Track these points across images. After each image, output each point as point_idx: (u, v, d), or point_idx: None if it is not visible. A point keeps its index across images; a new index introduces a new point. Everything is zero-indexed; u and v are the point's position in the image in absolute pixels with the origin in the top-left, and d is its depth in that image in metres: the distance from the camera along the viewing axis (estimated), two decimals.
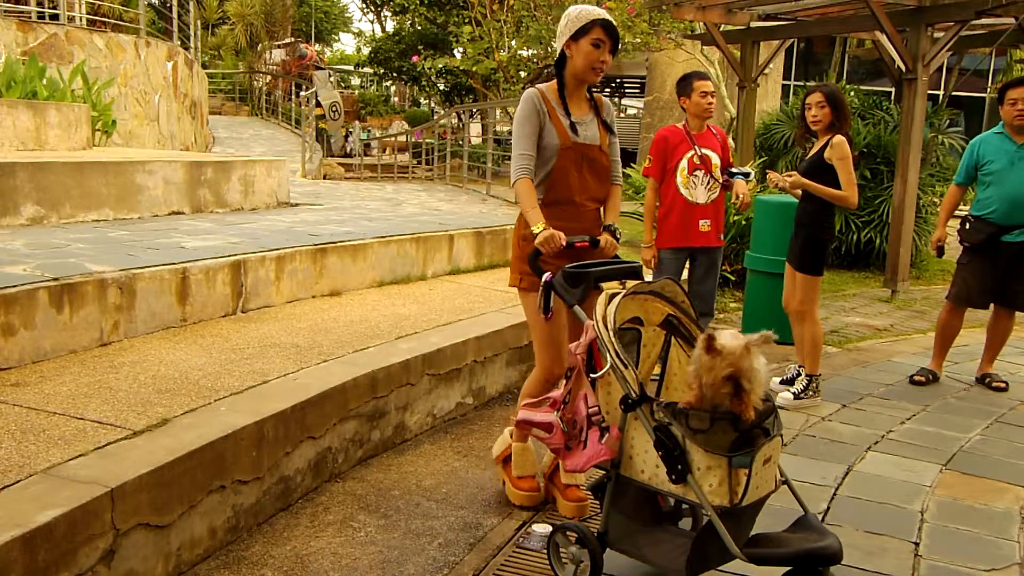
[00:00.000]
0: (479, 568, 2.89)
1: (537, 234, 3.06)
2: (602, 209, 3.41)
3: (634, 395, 2.47)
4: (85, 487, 2.42)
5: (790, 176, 4.70)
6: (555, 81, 3.33)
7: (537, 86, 3.33)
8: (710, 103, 4.89)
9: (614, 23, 3.22)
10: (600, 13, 3.20)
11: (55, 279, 3.62)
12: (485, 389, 4.60)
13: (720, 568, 2.69)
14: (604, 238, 3.29)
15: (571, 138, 3.25)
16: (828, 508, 3.42)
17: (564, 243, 3.07)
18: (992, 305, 5.31)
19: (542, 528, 3.10)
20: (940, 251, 5.47)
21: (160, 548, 2.62)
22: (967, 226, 5.18)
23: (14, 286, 3.43)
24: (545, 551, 2.86)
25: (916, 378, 5.30)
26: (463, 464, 3.78)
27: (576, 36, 3.19)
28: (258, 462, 3.04)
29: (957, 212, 5.53)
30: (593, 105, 3.39)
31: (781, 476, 2.58)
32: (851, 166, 4.56)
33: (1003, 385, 5.21)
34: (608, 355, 2.52)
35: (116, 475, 2.50)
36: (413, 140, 17.38)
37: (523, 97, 3.28)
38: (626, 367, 2.49)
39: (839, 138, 4.58)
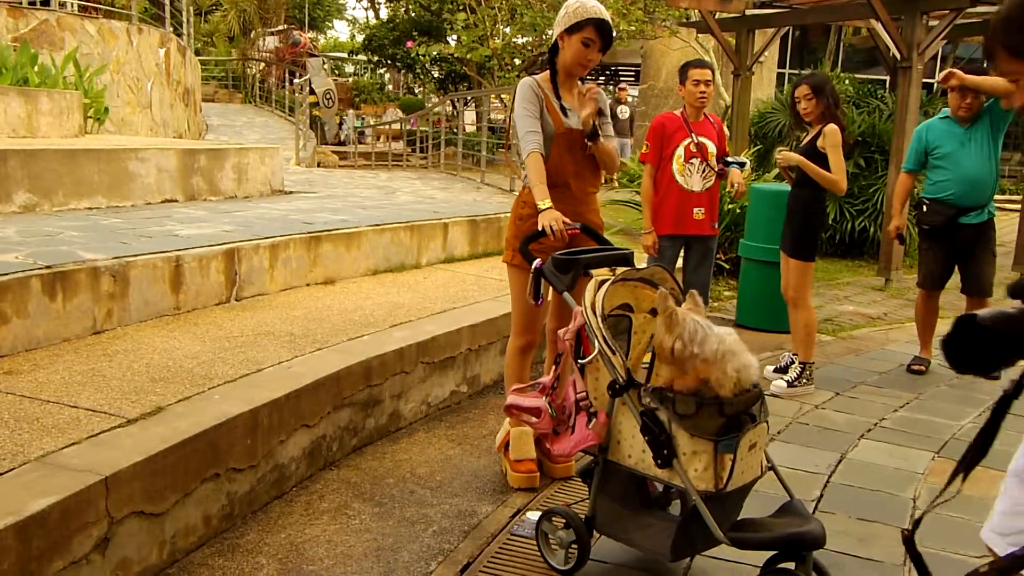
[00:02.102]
0: (473, 555, 2.90)
1: (543, 210, 3.15)
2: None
3: (621, 380, 2.49)
4: (79, 475, 2.41)
5: (784, 155, 4.81)
6: (548, 71, 3.42)
7: (532, 76, 3.41)
8: (703, 92, 4.87)
9: (609, 23, 3.27)
10: (597, 12, 3.26)
11: (48, 267, 3.60)
12: (479, 377, 4.60)
13: (705, 552, 2.71)
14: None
15: (564, 123, 3.33)
16: (821, 495, 3.44)
17: (567, 231, 3.12)
18: (965, 297, 5.35)
19: (536, 515, 3.11)
20: (901, 239, 5.56)
21: (154, 536, 2.62)
22: (924, 209, 5.23)
23: (6, 274, 3.42)
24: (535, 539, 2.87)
25: (914, 367, 5.31)
26: (457, 452, 3.79)
27: (570, 30, 3.28)
28: (252, 450, 3.04)
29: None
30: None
31: (768, 462, 2.60)
32: (841, 154, 4.60)
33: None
34: (596, 341, 2.53)
35: (110, 463, 2.49)
36: (407, 128, 17.31)
37: (520, 84, 3.37)
38: (613, 353, 2.50)
39: (831, 127, 4.60)
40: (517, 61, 14.05)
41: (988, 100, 5.01)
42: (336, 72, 28.28)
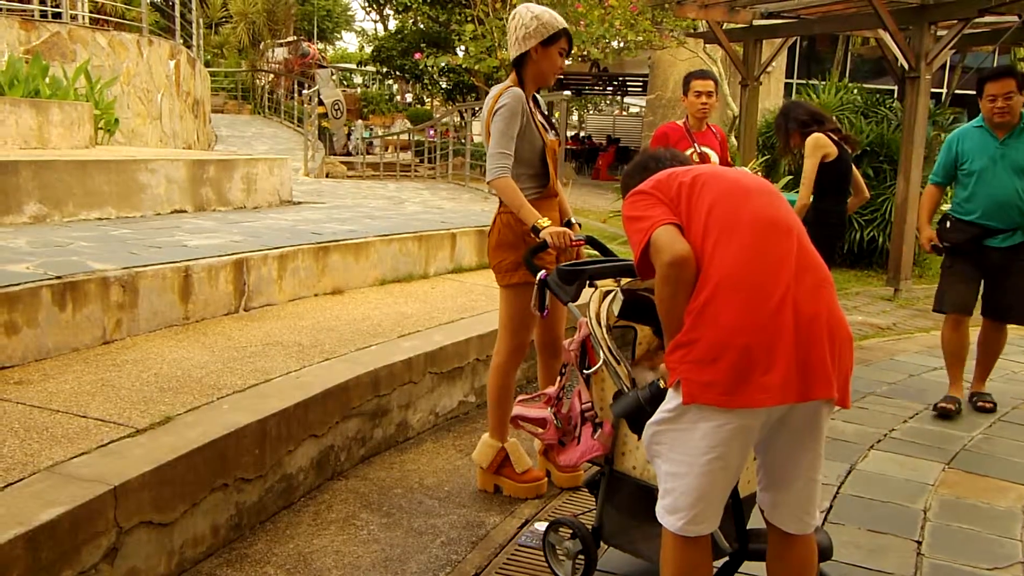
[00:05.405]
0: (481, 566, 2.89)
1: (542, 228, 3.13)
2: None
3: (627, 391, 2.48)
4: (88, 485, 2.42)
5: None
6: (516, 79, 3.34)
7: (513, 87, 3.32)
8: (704, 103, 4.88)
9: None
10: (563, 22, 3.30)
11: (58, 277, 3.62)
12: (487, 388, 4.59)
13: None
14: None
15: (548, 136, 3.35)
16: (831, 507, 3.42)
17: (573, 242, 3.14)
18: (982, 318, 4.82)
19: (544, 526, 3.10)
20: (937, 249, 4.83)
21: (163, 546, 2.63)
22: (948, 225, 4.73)
23: (17, 284, 3.44)
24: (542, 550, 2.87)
25: (942, 406, 4.62)
26: (465, 462, 3.78)
27: (546, 43, 3.26)
28: (260, 460, 3.04)
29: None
30: (537, 103, 3.49)
31: None
32: (810, 165, 4.70)
33: (990, 406, 4.76)
34: (601, 351, 2.53)
35: (119, 473, 2.50)
36: (416, 139, 17.35)
37: (511, 94, 3.27)
38: (619, 363, 2.50)
39: (808, 139, 4.75)
40: None
41: None
42: (344, 83, 28.42)
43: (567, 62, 3.45)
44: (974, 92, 4.65)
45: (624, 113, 37.09)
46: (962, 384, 4.77)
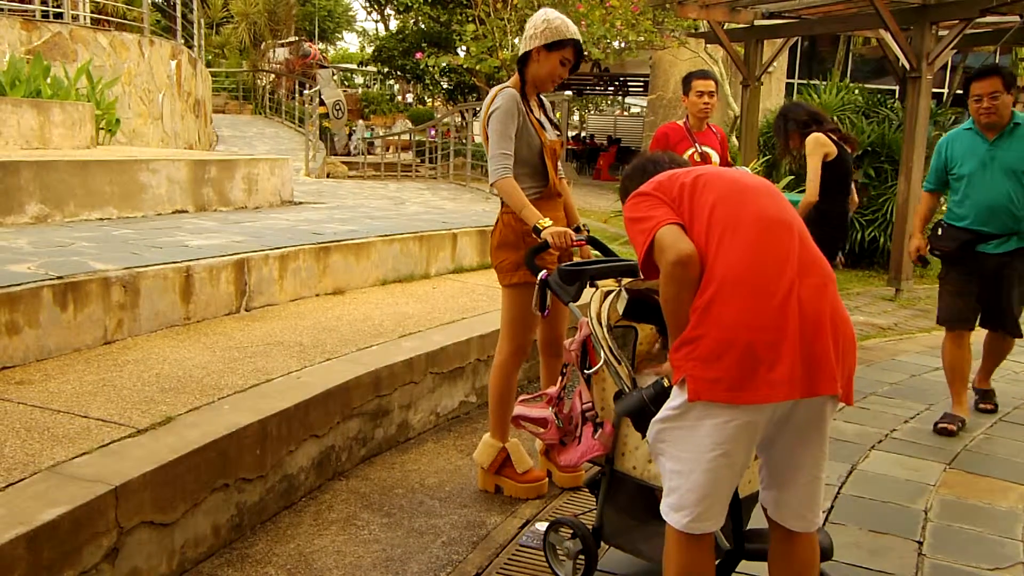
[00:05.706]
0: (482, 566, 2.89)
1: (543, 228, 3.13)
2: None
3: (627, 391, 2.48)
4: (89, 485, 2.42)
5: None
6: (518, 79, 3.36)
7: (508, 87, 3.34)
8: (706, 103, 4.88)
9: (582, 44, 3.29)
10: (575, 32, 3.28)
11: (59, 278, 3.63)
12: (488, 388, 4.59)
13: None
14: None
15: (547, 136, 3.35)
16: (832, 507, 3.42)
17: (575, 242, 3.14)
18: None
19: (545, 526, 3.10)
20: (922, 260, 4.69)
21: (164, 546, 2.63)
22: (940, 232, 4.53)
23: (19, 284, 3.44)
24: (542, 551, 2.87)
25: (943, 425, 4.39)
26: (466, 463, 3.78)
27: (550, 47, 3.26)
28: (261, 460, 3.05)
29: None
30: (540, 103, 3.49)
31: None
32: (814, 163, 4.75)
33: (991, 407, 4.74)
34: (601, 351, 2.53)
35: (120, 473, 2.50)
36: (417, 139, 17.36)
37: (505, 95, 3.29)
38: (619, 363, 2.50)
39: (808, 139, 4.82)
40: None
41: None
42: (345, 83, 28.43)
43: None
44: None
45: (625, 113, 37.13)
46: (966, 402, 4.56)
